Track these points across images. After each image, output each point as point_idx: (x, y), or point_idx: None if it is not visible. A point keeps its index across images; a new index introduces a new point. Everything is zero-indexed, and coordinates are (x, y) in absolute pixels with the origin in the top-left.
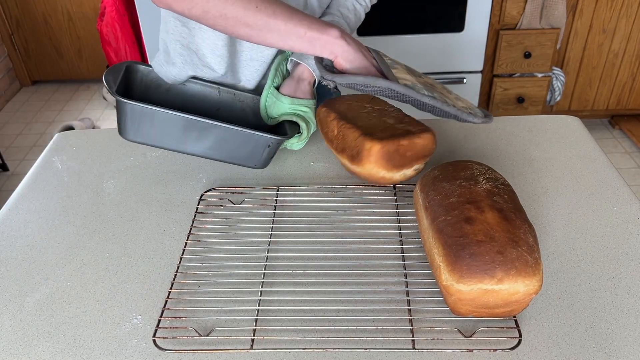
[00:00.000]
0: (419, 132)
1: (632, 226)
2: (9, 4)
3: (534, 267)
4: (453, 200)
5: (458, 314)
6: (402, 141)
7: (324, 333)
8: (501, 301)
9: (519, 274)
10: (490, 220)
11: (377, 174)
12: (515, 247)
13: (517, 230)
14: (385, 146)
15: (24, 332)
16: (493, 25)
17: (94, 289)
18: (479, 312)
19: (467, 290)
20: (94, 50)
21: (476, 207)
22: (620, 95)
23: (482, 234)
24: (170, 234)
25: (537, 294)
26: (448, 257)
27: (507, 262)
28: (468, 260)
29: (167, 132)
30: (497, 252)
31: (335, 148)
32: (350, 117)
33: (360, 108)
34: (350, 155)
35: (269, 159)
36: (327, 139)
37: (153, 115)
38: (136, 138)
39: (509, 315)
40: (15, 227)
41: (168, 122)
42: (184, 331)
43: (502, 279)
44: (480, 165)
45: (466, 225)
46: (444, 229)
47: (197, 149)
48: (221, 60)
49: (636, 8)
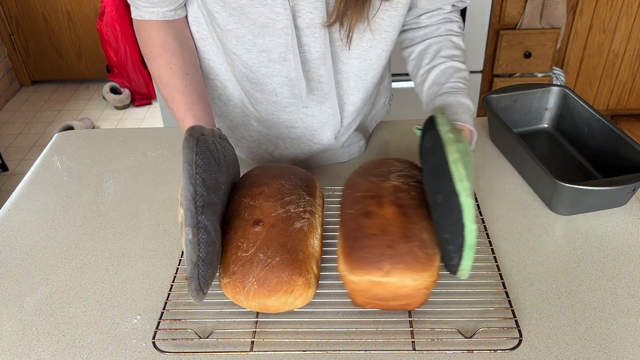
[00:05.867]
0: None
1: (632, 226)
2: (9, 4)
3: (425, 263)
4: (359, 194)
5: (356, 304)
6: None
7: (324, 335)
8: (390, 294)
9: (408, 268)
10: (388, 216)
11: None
12: (407, 242)
13: (413, 225)
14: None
15: (24, 332)
16: (493, 25)
17: (93, 289)
18: (374, 304)
19: (357, 281)
20: (94, 50)
21: (378, 202)
22: (621, 95)
23: (376, 227)
24: (170, 234)
25: (429, 290)
26: (344, 248)
27: (396, 256)
28: (359, 252)
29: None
30: (386, 246)
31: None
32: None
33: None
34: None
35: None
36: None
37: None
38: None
39: (405, 309)
40: (15, 227)
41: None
42: (183, 333)
43: (390, 272)
44: (402, 162)
45: (364, 219)
46: (345, 221)
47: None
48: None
49: (636, 8)
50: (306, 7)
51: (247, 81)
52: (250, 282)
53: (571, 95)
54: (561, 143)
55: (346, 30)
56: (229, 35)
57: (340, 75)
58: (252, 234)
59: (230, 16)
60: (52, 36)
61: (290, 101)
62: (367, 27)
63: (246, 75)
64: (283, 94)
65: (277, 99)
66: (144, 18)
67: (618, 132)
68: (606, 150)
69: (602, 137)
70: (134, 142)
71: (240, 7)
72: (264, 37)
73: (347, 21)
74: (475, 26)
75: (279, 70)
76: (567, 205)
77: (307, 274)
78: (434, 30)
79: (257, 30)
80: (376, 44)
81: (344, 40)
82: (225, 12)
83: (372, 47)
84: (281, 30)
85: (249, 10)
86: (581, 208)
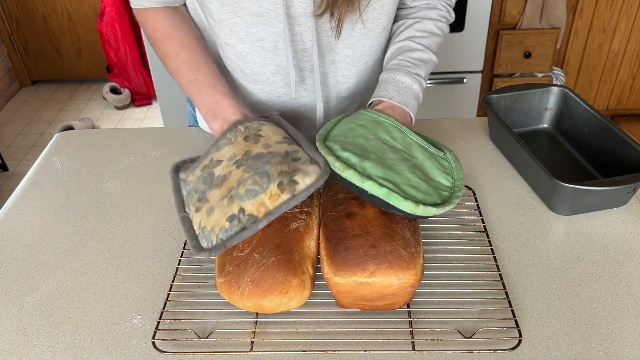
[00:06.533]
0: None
1: (632, 226)
2: (9, 4)
3: (409, 261)
4: (341, 196)
5: (342, 306)
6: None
7: (324, 335)
8: (376, 294)
9: (392, 267)
10: (370, 216)
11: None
12: (390, 241)
13: (395, 225)
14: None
15: (24, 332)
16: (493, 25)
17: (93, 289)
18: (360, 305)
19: (343, 283)
20: (94, 50)
21: (359, 202)
22: (621, 95)
23: (359, 228)
24: (170, 234)
25: (414, 288)
26: (328, 250)
27: (380, 256)
28: (343, 253)
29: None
30: (370, 246)
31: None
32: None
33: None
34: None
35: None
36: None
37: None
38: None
39: (391, 309)
40: (15, 227)
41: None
42: (183, 333)
43: (374, 272)
44: None
45: (346, 220)
46: (328, 223)
47: None
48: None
49: (636, 8)
50: None
51: (240, 72)
52: (245, 282)
53: (571, 95)
54: (561, 143)
55: (336, 21)
56: (222, 25)
57: (333, 65)
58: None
59: (224, 5)
60: (52, 36)
61: (283, 90)
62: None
63: (239, 66)
64: (276, 83)
65: (270, 88)
66: (144, 6)
67: (618, 132)
68: (606, 150)
69: (602, 137)
70: (134, 142)
71: None
72: (257, 26)
73: (337, 12)
74: (475, 26)
75: (272, 59)
76: (567, 205)
77: (302, 274)
78: (412, 13)
79: (251, 19)
80: (368, 32)
81: (334, 31)
82: (218, 1)
83: (365, 35)
84: (275, 19)
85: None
86: (581, 208)
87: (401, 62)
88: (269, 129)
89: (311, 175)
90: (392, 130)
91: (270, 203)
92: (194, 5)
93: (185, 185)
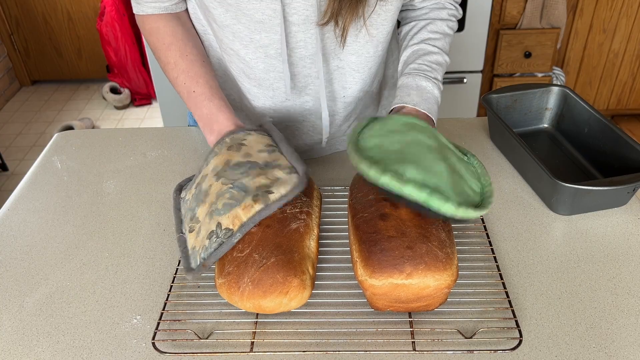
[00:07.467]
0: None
1: (632, 226)
2: (8, 4)
3: (445, 262)
4: (372, 197)
5: (376, 308)
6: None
7: (324, 335)
8: (413, 295)
9: (428, 268)
10: (404, 216)
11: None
12: (426, 242)
13: (430, 225)
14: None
15: (23, 332)
16: (493, 24)
17: (93, 289)
18: (395, 307)
19: (379, 285)
20: (94, 50)
21: (392, 203)
22: (621, 95)
23: (394, 229)
24: (170, 234)
25: (450, 289)
26: (362, 252)
27: (416, 257)
28: (379, 255)
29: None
30: (406, 247)
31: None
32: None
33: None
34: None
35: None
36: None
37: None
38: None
39: (426, 310)
40: (15, 227)
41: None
42: (183, 334)
43: (411, 274)
44: None
45: (380, 222)
46: (360, 225)
47: None
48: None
49: (636, 8)
50: (300, 4)
51: (245, 76)
52: (245, 282)
53: (571, 95)
54: (561, 143)
55: (340, 29)
56: (225, 31)
57: (338, 71)
58: (247, 235)
59: (227, 12)
60: (52, 36)
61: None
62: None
63: (243, 71)
64: (280, 88)
65: (275, 93)
66: (147, 13)
67: (618, 132)
68: (606, 150)
69: (602, 137)
70: (134, 142)
71: (236, 3)
72: (260, 32)
73: (342, 20)
74: (475, 26)
75: (275, 66)
76: (567, 205)
77: (303, 275)
78: (423, 14)
79: (254, 26)
80: (372, 38)
81: (339, 39)
82: (222, 7)
83: (369, 41)
84: (277, 27)
85: (245, 6)
86: (581, 208)
87: (420, 67)
88: (254, 138)
89: (287, 185)
90: (426, 132)
91: (244, 214)
92: (195, 11)
93: (184, 204)
